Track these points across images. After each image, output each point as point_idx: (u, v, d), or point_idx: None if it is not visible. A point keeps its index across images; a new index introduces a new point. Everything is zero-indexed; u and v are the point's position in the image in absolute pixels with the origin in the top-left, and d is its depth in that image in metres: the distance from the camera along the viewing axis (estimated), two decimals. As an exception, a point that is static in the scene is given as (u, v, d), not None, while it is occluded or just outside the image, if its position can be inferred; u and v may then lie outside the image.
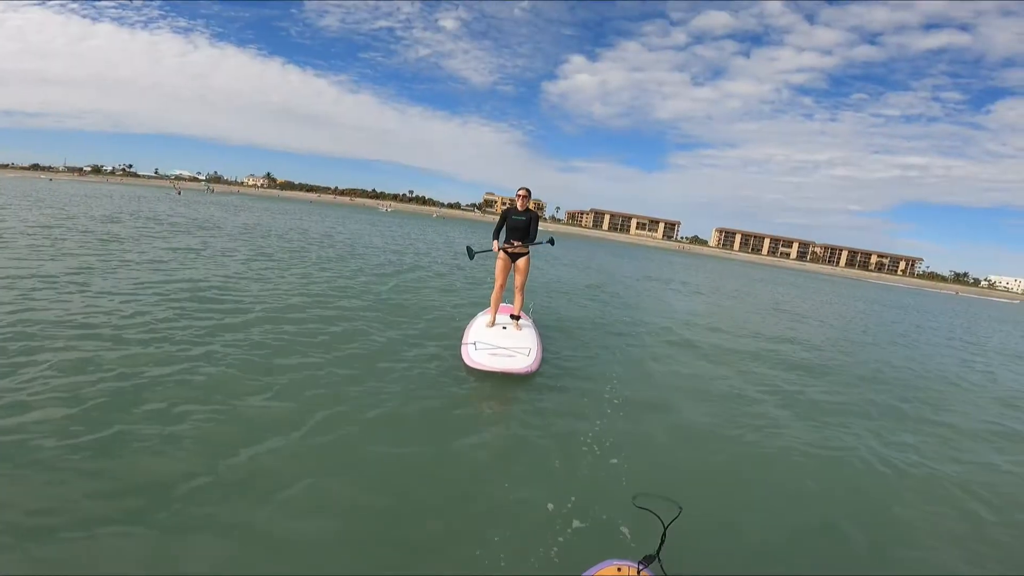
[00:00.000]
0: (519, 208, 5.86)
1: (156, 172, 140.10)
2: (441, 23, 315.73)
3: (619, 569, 2.00)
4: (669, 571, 1.94)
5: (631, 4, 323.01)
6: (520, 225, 5.82)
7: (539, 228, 5.92)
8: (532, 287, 6.16)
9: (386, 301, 8.06)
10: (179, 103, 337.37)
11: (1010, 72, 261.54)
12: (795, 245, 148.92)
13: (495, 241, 6.00)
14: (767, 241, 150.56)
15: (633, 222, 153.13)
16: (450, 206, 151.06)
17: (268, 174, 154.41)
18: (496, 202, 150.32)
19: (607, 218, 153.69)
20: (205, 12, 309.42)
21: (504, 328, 5.78)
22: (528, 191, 5.83)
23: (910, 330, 15.41)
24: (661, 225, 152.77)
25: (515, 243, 5.81)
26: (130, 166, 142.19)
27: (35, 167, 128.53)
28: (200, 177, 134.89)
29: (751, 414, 4.99)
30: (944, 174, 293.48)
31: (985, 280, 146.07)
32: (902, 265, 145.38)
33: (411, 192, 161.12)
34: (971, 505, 3.76)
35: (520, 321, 5.93)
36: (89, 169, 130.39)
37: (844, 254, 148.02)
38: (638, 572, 1.96)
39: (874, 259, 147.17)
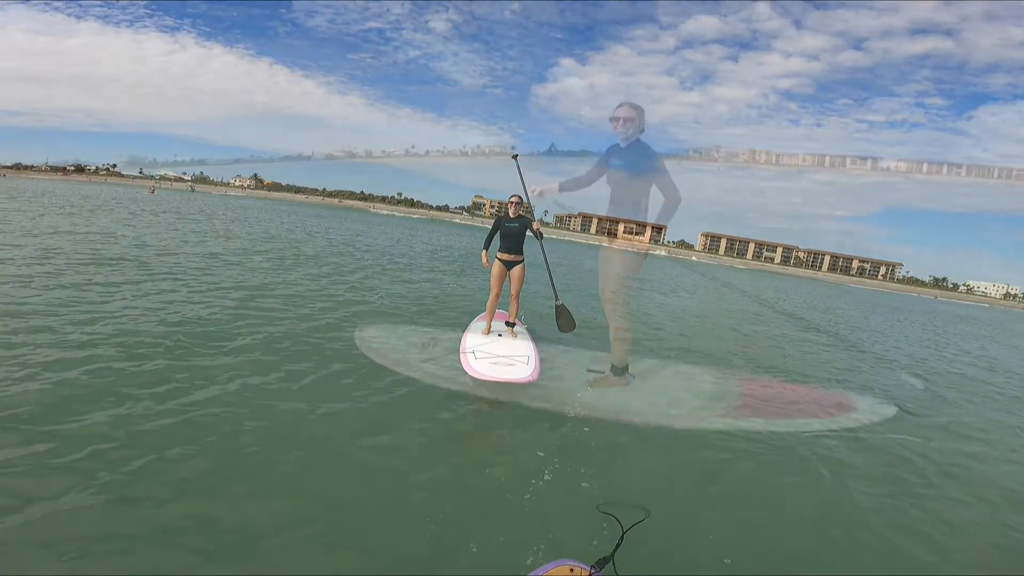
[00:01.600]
0: (511, 215, 5.96)
1: (141, 172, 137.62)
2: (431, 24, 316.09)
3: (571, 570, 2.00)
4: (621, 571, 1.95)
5: (621, 8, 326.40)
6: (513, 232, 5.91)
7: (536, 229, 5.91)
8: (525, 292, 6.40)
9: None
10: (164, 103, 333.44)
11: (993, 78, 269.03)
12: (779, 250, 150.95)
13: (484, 252, 6.09)
14: (752, 245, 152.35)
15: (620, 226, 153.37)
16: (439, 208, 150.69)
17: (255, 175, 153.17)
18: (485, 204, 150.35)
19: (595, 222, 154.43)
20: (192, 11, 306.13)
21: (500, 335, 5.95)
22: (520, 198, 5.87)
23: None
24: (648, 229, 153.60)
25: (509, 253, 5.95)
26: (114, 166, 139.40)
27: (18, 166, 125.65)
28: (186, 177, 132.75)
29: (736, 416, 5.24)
30: (926, 180, 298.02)
31: (963, 285, 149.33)
32: (882, 270, 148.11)
33: (400, 194, 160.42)
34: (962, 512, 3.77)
35: (515, 328, 6.12)
36: (72, 168, 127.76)
37: (827, 259, 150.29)
38: (590, 574, 1.96)
39: (856, 264, 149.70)
